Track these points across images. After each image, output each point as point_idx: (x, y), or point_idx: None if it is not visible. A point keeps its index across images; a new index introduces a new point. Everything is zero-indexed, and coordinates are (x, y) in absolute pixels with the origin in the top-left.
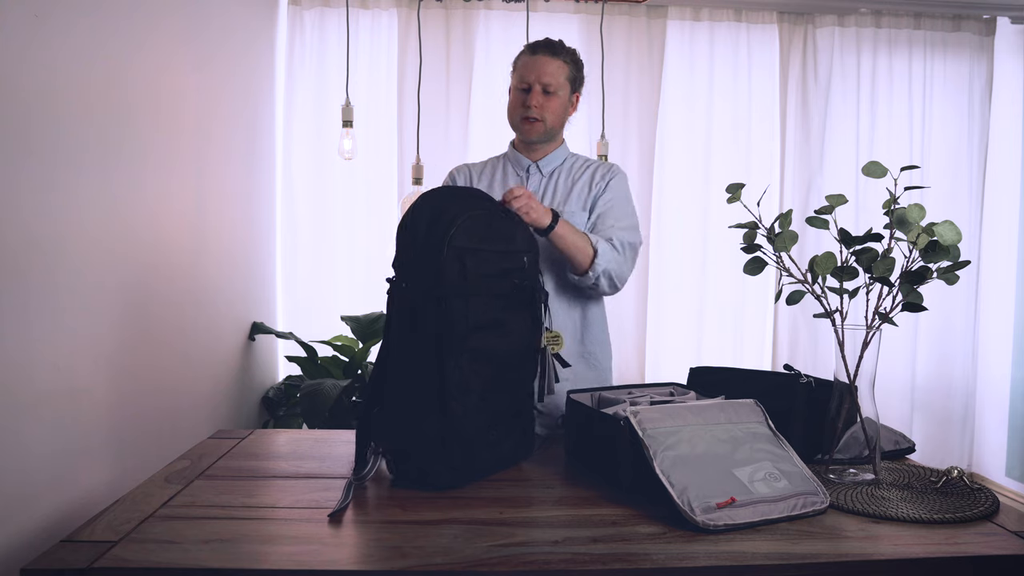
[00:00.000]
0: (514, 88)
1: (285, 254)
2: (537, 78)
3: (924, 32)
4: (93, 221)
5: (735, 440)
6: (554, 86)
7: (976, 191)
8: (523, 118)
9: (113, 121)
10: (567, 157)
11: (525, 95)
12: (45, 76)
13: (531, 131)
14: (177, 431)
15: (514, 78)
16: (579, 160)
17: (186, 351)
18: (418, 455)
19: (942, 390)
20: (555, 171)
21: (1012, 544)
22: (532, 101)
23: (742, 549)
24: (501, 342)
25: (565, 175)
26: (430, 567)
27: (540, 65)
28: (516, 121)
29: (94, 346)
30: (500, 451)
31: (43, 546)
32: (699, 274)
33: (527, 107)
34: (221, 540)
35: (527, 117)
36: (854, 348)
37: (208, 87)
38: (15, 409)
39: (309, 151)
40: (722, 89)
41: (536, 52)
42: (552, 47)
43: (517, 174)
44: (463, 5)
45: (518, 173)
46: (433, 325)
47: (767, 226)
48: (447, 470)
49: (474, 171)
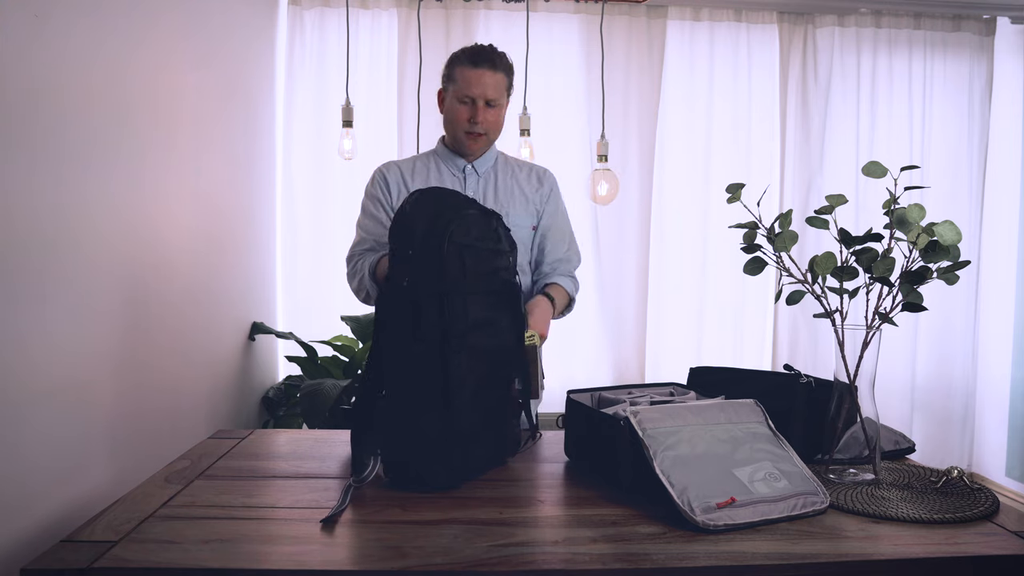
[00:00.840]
0: (453, 98)
1: (285, 254)
2: (482, 93)
3: (924, 32)
4: (92, 221)
5: (735, 440)
6: (497, 100)
7: (976, 191)
8: (467, 132)
9: (112, 120)
10: (497, 156)
11: (469, 108)
12: (43, 76)
13: (475, 145)
14: (177, 431)
15: (453, 89)
16: (509, 159)
17: (186, 351)
18: (417, 458)
19: (942, 390)
20: (488, 171)
21: (1012, 544)
22: (479, 117)
23: (742, 549)
24: (492, 340)
25: (501, 175)
26: (430, 567)
27: (484, 80)
28: (459, 134)
29: (94, 346)
30: (491, 449)
31: (43, 546)
32: (699, 274)
33: (474, 123)
34: (221, 540)
35: (472, 132)
36: (854, 348)
37: (208, 87)
38: (15, 409)
39: (309, 151)
40: (722, 89)
41: (478, 65)
42: (492, 60)
43: (453, 174)
44: (463, 5)
45: (454, 173)
46: (437, 323)
47: (767, 226)
48: (445, 470)
49: (404, 169)
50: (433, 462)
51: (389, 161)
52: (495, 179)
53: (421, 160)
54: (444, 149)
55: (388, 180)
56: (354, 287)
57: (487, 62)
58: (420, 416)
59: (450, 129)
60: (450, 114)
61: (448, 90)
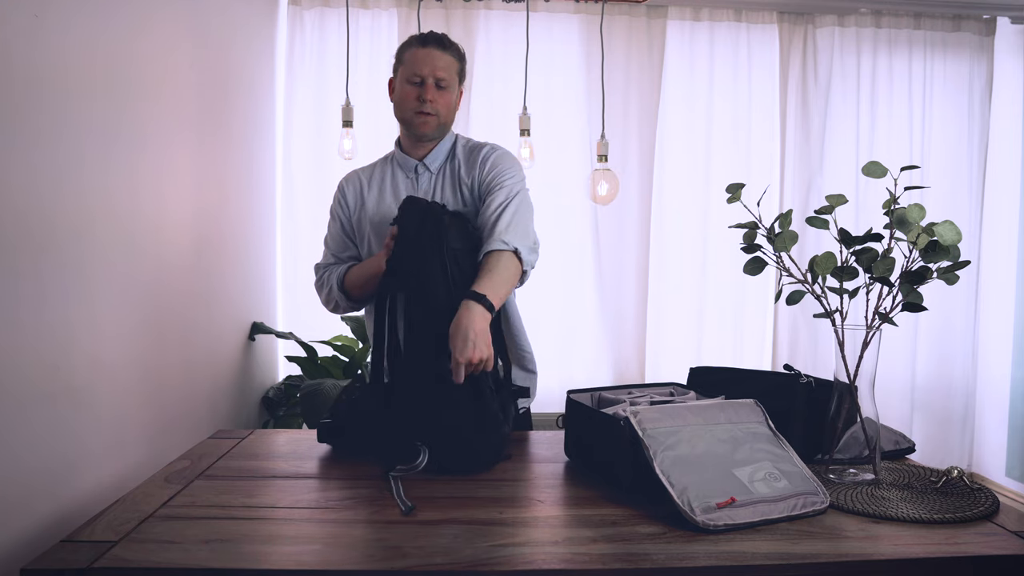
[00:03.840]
0: (403, 81)
1: (285, 254)
2: (431, 72)
3: (924, 32)
4: (91, 221)
5: (735, 440)
6: (447, 81)
7: (976, 191)
8: (417, 112)
9: (111, 120)
10: (449, 149)
11: (418, 88)
12: (42, 75)
13: (425, 125)
14: (177, 431)
15: (402, 71)
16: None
17: (186, 351)
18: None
19: (942, 390)
20: (442, 167)
21: (1012, 544)
22: (428, 95)
23: (742, 549)
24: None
25: (450, 170)
26: (430, 567)
27: (433, 59)
28: (409, 115)
29: (94, 346)
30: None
31: (43, 546)
32: (699, 274)
33: (422, 101)
34: (221, 540)
35: (422, 112)
36: (854, 348)
37: (207, 87)
38: (15, 409)
39: (309, 151)
40: (722, 89)
41: (427, 44)
42: (441, 41)
43: (407, 176)
44: (463, 5)
45: (407, 175)
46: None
47: (767, 226)
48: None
49: (363, 178)
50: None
51: (353, 171)
52: (444, 176)
53: (380, 165)
54: (399, 151)
55: (346, 193)
56: (323, 298)
57: (436, 42)
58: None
59: (399, 113)
60: (399, 96)
61: (398, 74)
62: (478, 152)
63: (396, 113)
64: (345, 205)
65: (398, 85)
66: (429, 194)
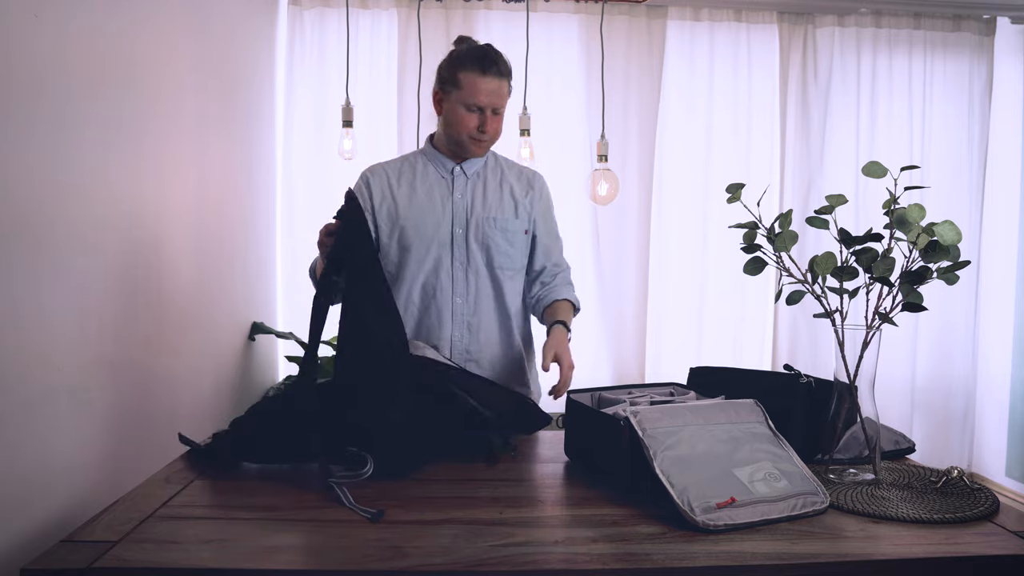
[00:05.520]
0: (458, 103)
1: (285, 254)
2: (490, 103)
3: (924, 32)
4: (92, 221)
5: (735, 440)
6: (502, 108)
7: (976, 191)
8: (472, 139)
9: (111, 120)
10: (487, 157)
11: (476, 116)
12: (40, 75)
13: (479, 149)
14: (177, 431)
15: (458, 95)
16: (500, 160)
17: (186, 351)
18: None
19: (942, 390)
20: (478, 172)
21: (1012, 544)
22: (488, 127)
23: (742, 549)
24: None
25: (491, 178)
26: (430, 567)
27: (493, 89)
28: (464, 139)
29: (94, 346)
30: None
31: (43, 546)
32: (699, 274)
33: (482, 131)
34: (221, 540)
35: (479, 140)
36: (854, 348)
37: (207, 87)
38: (14, 409)
39: (309, 151)
40: (722, 89)
41: (486, 73)
42: (499, 67)
43: (442, 176)
44: (463, 5)
45: (442, 175)
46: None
47: (767, 226)
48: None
49: (391, 171)
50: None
51: (376, 164)
52: (484, 182)
53: (408, 161)
54: (432, 150)
55: (371, 185)
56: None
57: (493, 67)
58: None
59: (452, 133)
60: (453, 118)
61: (450, 94)
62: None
63: (446, 130)
64: (368, 196)
65: (452, 106)
66: (466, 195)
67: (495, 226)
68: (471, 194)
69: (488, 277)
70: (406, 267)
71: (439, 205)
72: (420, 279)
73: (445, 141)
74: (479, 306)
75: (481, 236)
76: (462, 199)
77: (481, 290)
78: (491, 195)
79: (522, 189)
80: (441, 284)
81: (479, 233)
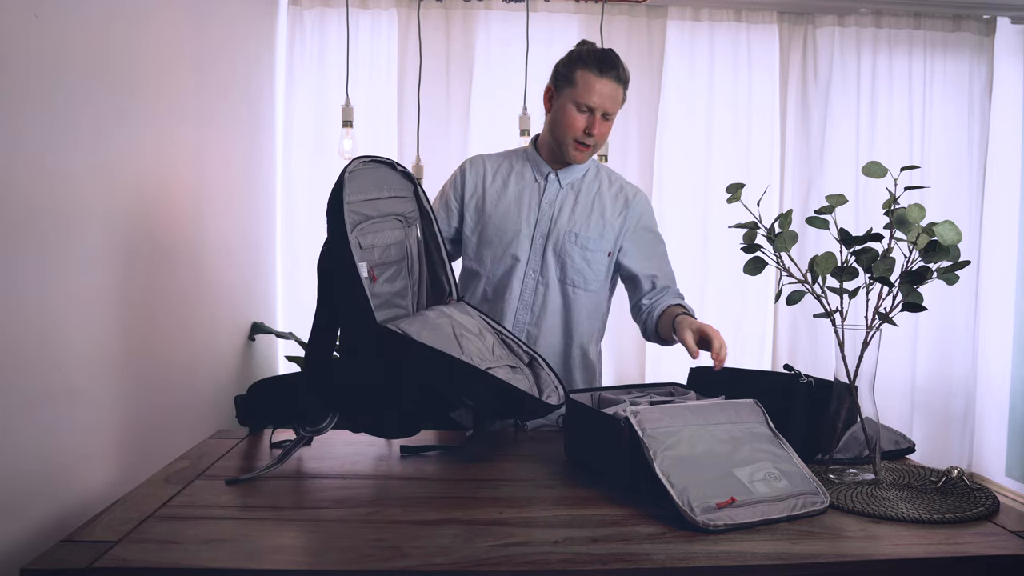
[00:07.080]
0: (569, 101)
1: (285, 254)
2: (603, 105)
3: (924, 32)
4: (92, 221)
5: (735, 440)
6: (613, 114)
7: (976, 191)
8: (577, 141)
9: (110, 120)
10: (588, 168)
11: (587, 118)
12: (41, 75)
13: (580, 156)
14: (177, 431)
15: (571, 92)
16: (602, 172)
17: (186, 351)
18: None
19: (942, 390)
20: (573, 183)
21: (1012, 544)
22: (596, 130)
23: (742, 549)
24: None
25: (585, 191)
26: (430, 567)
27: (608, 92)
28: (568, 141)
29: (94, 346)
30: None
31: (43, 546)
32: (699, 274)
33: (589, 134)
34: (221, 540)
35: (582, 143)
36: (854, 348)
37: (207, 87)
38: (14, 409)
39: (309, 151)
40: (722, 89)
41: (605, 73)
42: (618, 72)
43: (536, 179)
44: (463, 5)
45: (536, 179)
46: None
47: (767, 226)
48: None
49: (489, 164)
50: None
51: (479, 155)
52: (577, 194)
53: (509, 158)
54: (534, 151)
55: (467, 175)
56: None
57: (613, 71)
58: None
59: (557, 133)
60: (561, 116)
61: (563, 92)
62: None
63: (552, 130)
64: (460, 186)
65: (563, 103)
66: (555, 204)
67: (575, 242)
68: (560, 204)
69: (559, 291)
70: (482, 264)
71: (525, 209)
72: (493, 279)
73: (548, 142)
74: (543, 316)
75: (559, 249)
76: (549, 208)
77: (549, 302)
78: (580, 209)
79: (615, 209)
80: (511, 288)
81: (558, 245)
